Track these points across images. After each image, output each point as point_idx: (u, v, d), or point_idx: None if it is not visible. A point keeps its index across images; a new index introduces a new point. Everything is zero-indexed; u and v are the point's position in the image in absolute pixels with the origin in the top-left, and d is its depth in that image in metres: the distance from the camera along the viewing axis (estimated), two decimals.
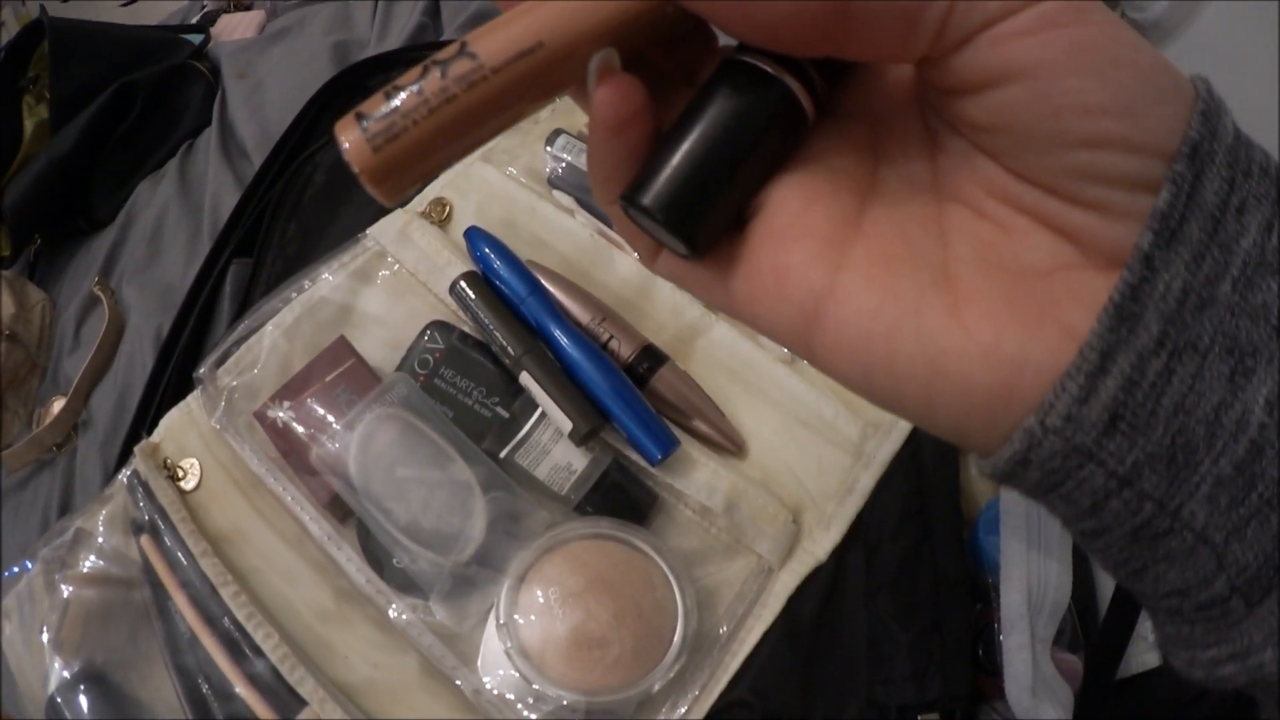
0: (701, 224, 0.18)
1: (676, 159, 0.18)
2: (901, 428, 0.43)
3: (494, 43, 0.17)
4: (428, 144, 0.17)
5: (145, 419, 0.49)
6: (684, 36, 0.19)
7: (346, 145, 0.17)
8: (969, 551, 0.45)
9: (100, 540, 0.47)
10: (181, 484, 0.47)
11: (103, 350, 0.56)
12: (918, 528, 0.43)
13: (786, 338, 0.18)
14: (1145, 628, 0.45)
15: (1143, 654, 0.45)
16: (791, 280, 0.17)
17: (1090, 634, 0.45)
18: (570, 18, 0.17)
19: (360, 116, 0.17)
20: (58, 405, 0.56)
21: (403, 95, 0.17)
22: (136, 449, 0.47)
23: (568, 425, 0.42)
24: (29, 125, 0.67)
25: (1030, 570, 0.41)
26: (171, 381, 0.49)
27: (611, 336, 0.46)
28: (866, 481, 0.43)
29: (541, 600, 0.40)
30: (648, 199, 0.18)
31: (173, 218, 0.59)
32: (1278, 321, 0.14)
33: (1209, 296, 0.14)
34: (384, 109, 0.17)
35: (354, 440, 0.42)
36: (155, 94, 0.63)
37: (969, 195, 0.17)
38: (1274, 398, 0.14)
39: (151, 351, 0.53)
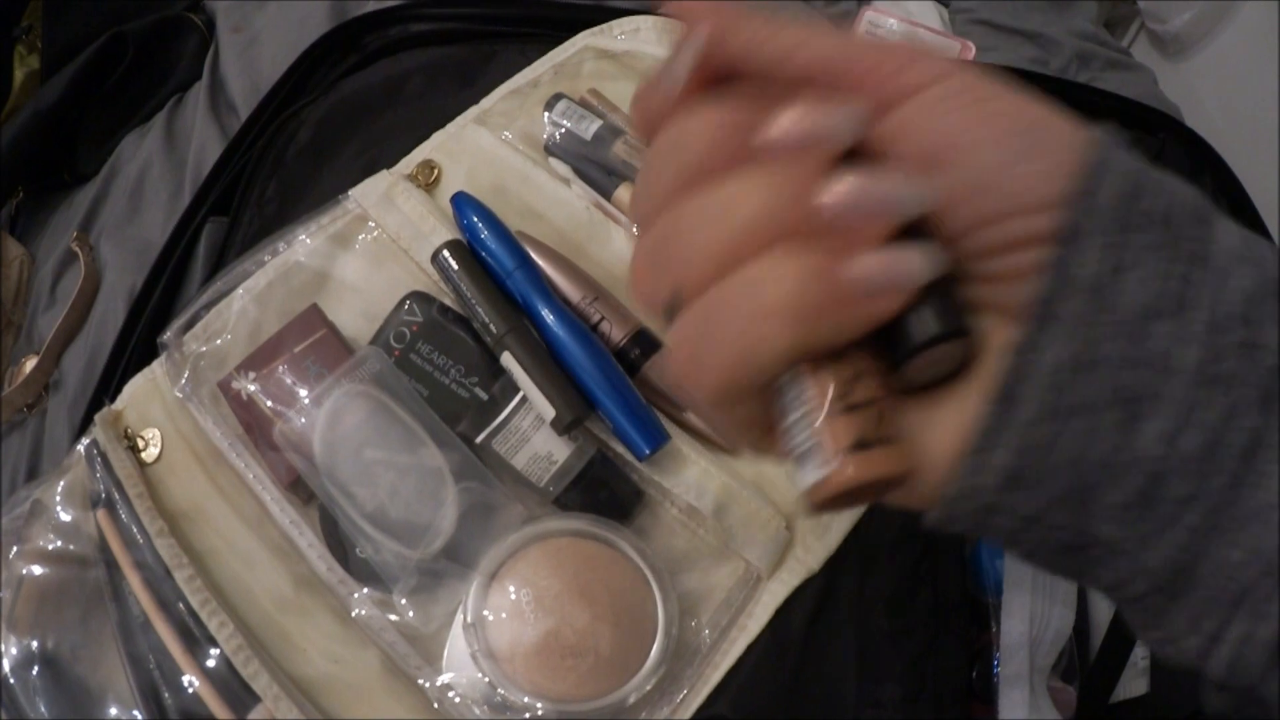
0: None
1: None
2: None
3: None
4: None
5: (109, 385, 0.43)
6: None
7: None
8: (970, 569, 0.39)
9: (57, 513, 0.42)
10: (142, 455, 0.42)
11: (76, 308, 0.50)
12: (919, 543, 0.38)
13: None
14: (1136, 654, 0.40)
15: (1131, 680, 0.41)
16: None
17: (1084, 661, 0.40)
18: None
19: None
20: (30, 365, 0.51)
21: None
22: (97, 417, 0.42)
23: (550, 412, 0.37)
24: (19, 76, 0.61)
25: (1034, 598, 0.36)
26: (139, 345, 0.44)
27: (603, 318, 0.40)
28: None
29: (513, 601, 0.35)
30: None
31: (156, 173, 0.53)
32: (1166, 363, 0.15)
33: (1093, 359, 0.15)
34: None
35: (320, 417, 0.37)
36: (147, 45, 0.58)
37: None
38: (1168, 431, 0.15)
39: (125, 312, 0.47)
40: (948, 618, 0.37)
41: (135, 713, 0.39)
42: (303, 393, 0.38)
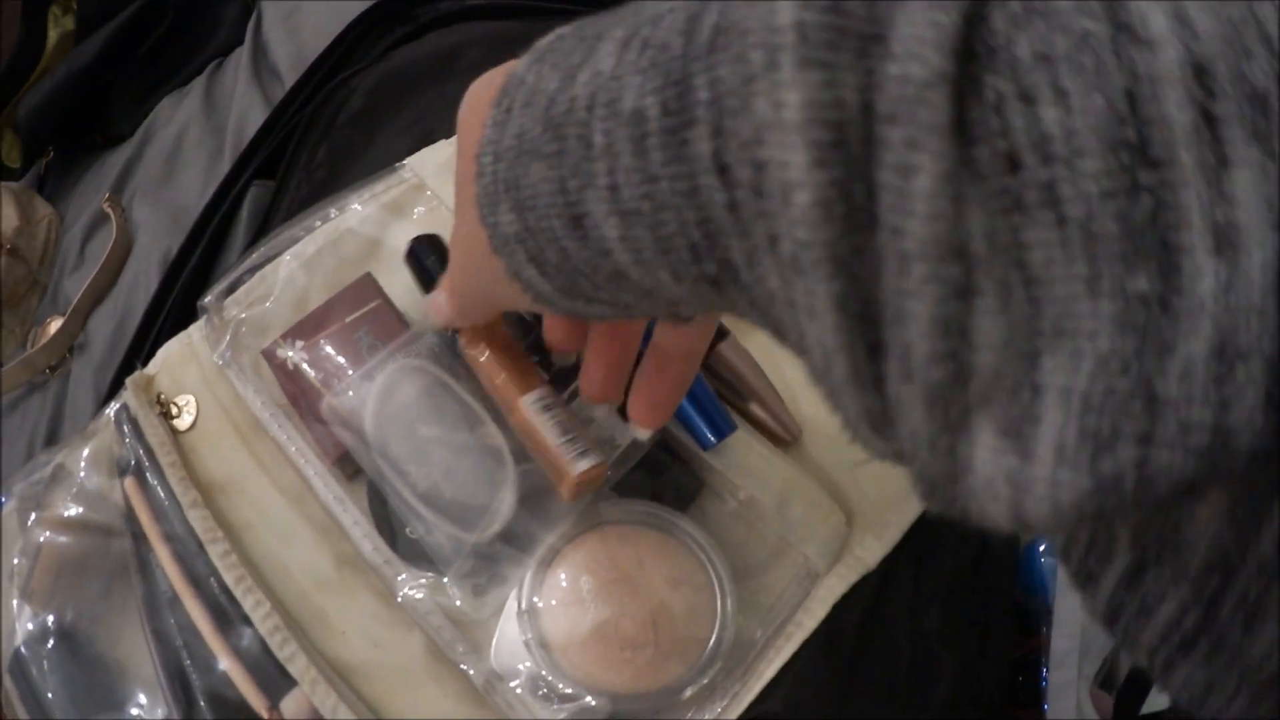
0: None
1: None
2: None
3: None
4: None
5: (142, 348, 0.41)
6: None
7: None
8: (1020, 572, 0.38)
9: (81, 479, 0.39)
10: (175, 422, 0.39)
11: (107, 270, 0.48)
12: (973, 543, 0.36)
13: None
14: None
15: (1159, 693, 0.40)
16: None
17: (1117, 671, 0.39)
18: None
19: None
20: (54, 326, 0.48)
21: None
22: (128, 381, 0.39)
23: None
24: (53, 36, 0.58)
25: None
26: (174, 309, 0.42)
27: None
28: None
29: (569, 589, 0.33)
30: None
31: (194, 137, 0.51)
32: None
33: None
34: None
35: (373, 392, 0.35)
36: (187, 8, 0.55)
37: None
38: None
39: (157, 275, 0.45)
40: (997, 621, 0.35)
41: (159, 694, 0.37)
42: (353, 365, 0.36)
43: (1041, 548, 0.37)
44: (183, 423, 0.39)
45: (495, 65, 0.48)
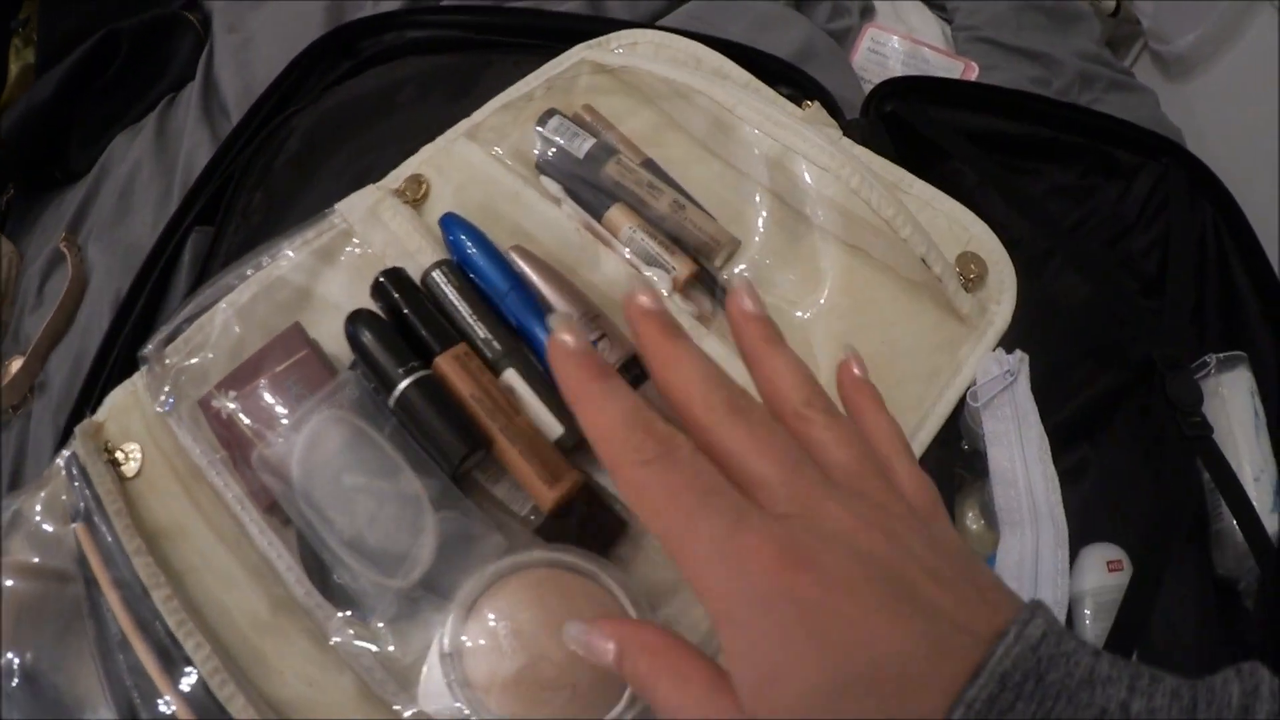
0: None
1: None
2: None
3: None
4: None
5: (92, 394, 0.42)
6: None
7: None
8: None
9: (37, 524, 0.40)
10: (123, 469, 0.40)
11: (63, 310, 0.49)
12: None
13: None
14: None
15: None
16: None
17: None
18: None
19: None
20: (16, 365, 0.49)
21: None
22: (77, 429, 0.40)
23: (557, 430, 0.35)
24: (14, 69, 0.59)
25: None
26: (122, 355, 0.42)
27: (601, 336, 0.38)
28: None
29: (491, 632, 0.33)
30: None
31: (145, 174, 0.51)
32: None
33: None
34: None
35: (299, 442, 0.35)
36: (141, 43, 0.55)
37: None
38: None
39: (109, 317, 0.46)
40: None
41: None
42: (283, 414, 0.37)
43: None
44: (129, 470, 0.40)
45: (429, 102, 0.48)
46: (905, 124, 0.47)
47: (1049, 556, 0.35)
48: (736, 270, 0.41)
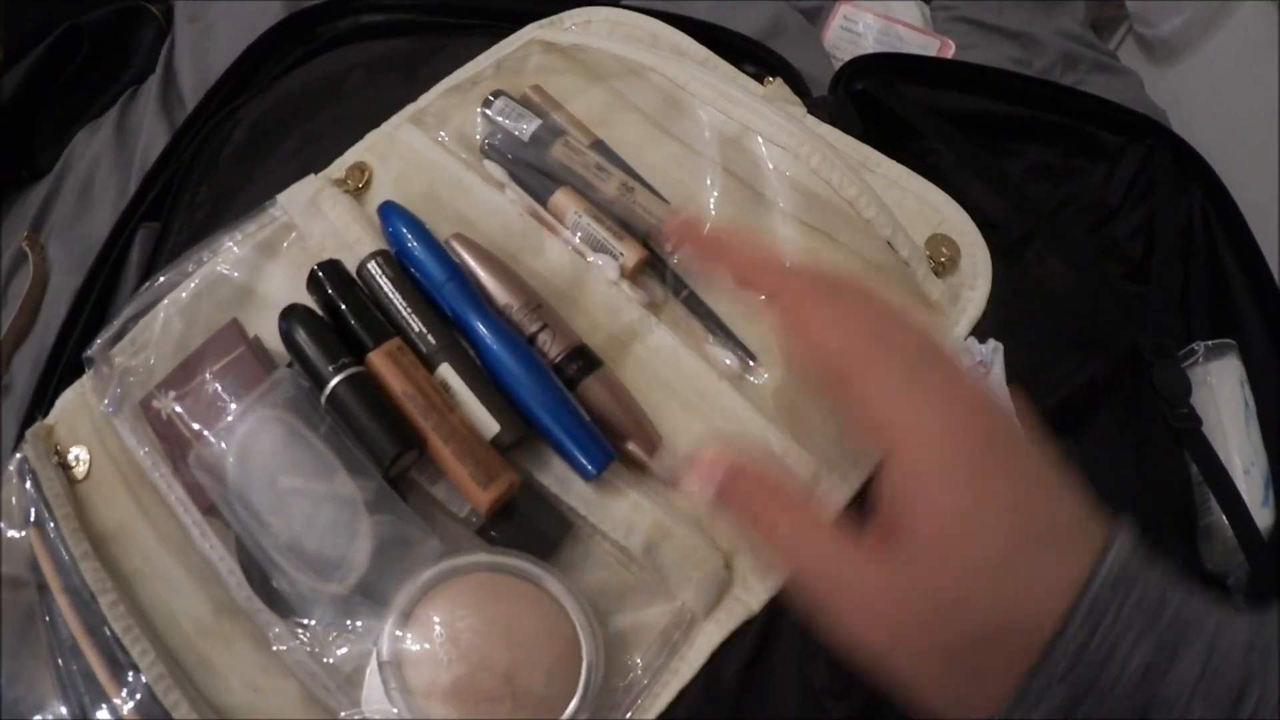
0: None
1: None
2: (860, 470, 0.34)
3: None
4: None
5: (43, 398, 0.41)
6: None
7: None
8: None
9: None
10: (73, 472, 0.39)
11: (25, 310, 0.48)
12: None
13: None
14: None
15: None
16: None
17: None
18: None
19: None
20: None
21: None
22: (28, 433, 0.39)
23: (494, 428, 0.34)
24: None
25: None
26: (73, 357, 0.41)
27: (544, 326, 0.36)
28: None
29: (427, 640, 0.32)
30: None
31: (105, 170, 0.50)
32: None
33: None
34: None
35: (233, 443, 0.34)
36: (103, 37, 0.54)
37: None
38: None
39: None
40: None
41: None
42: (219, 414, 0.36)
43: None
44: (79, 472, 0.39)
45: (377, 88, 0.46)
46: (877, 102, 0.44)
47: None
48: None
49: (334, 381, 0.34)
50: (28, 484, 0.39)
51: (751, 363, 0.37)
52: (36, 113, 0.54)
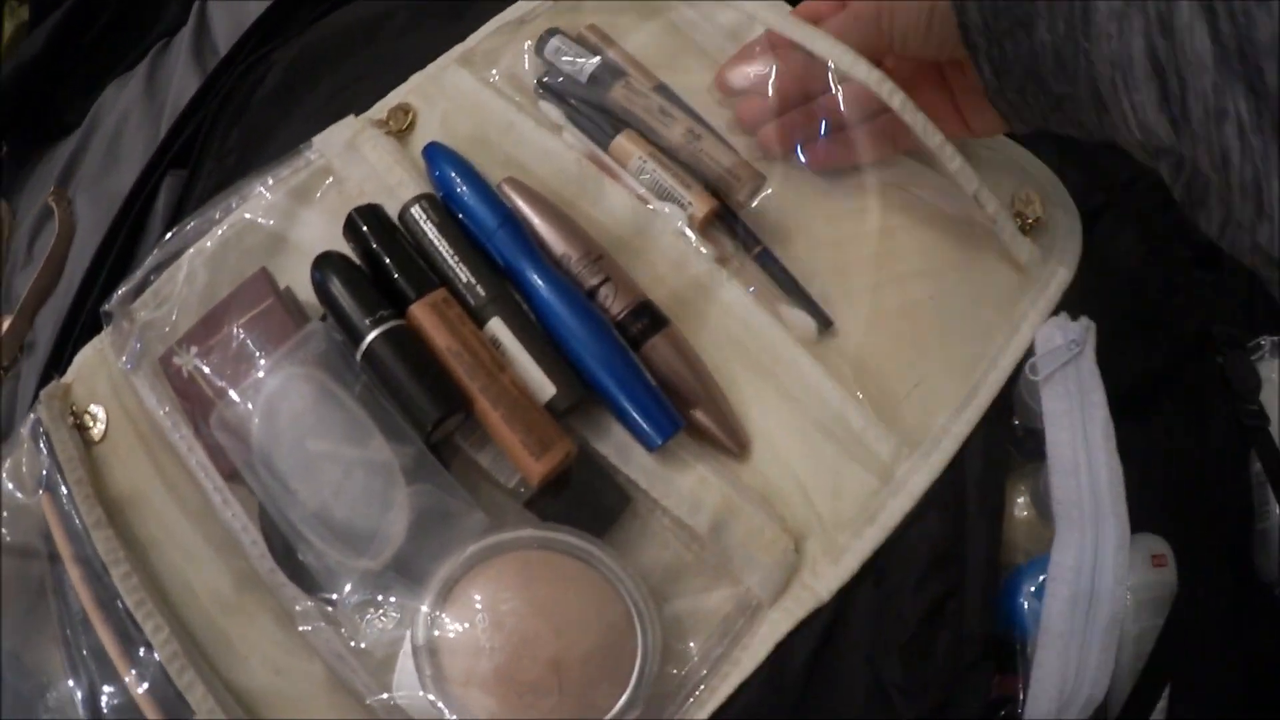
0: None
1: None
2: (944, 449, 0.30)
3: None
4: None
5: (61, 355, 0.38)
6: None
7: None
8: (998, 609, 0.32)
9: (10, 495, 0.37)
10: (91, 433, 0.36)
11: (50, 266, 0.46)
12: (947, 579, 0.30)
13: None
14: None
15: None
16: None
17: None
18: None
19: None
20: (5, 324, 0.46)
21: None
22: (43, 393, 0.36)
23: (549, 390, 0.30)
24: (9, 28, 0.56)
25: (1068, 656, 0.28)
26: (94, 312, 0.38)
27: (606, 279, 0.33)
28: (893, 512, 0.30)
29: (467, 624, 0.29)
30: None
31: (134, 123, 0.48)
32: None
33: None
34: None
35: (258, 403, 0.31)
36: None
37: None
38: None
39: None
40: (969, 668, 0.29)
41: (77, 716, 0.34)
42: (245, 371, 0.32)
43: (1027, 588, 0.30)
44: (96, 433, 0.36)
45: (422, 29, 0.43)
46: None
47: (1109, 563, 0.29)
48: (756, 204, 0.34)
49: (371, 336, 0.30)
50: (41, 447, 0.37)
51: (830, 326, 0.33)
52: (66, 67, 0.51)
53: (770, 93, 0.34)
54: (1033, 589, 0.30)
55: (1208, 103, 0.23)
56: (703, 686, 0.30)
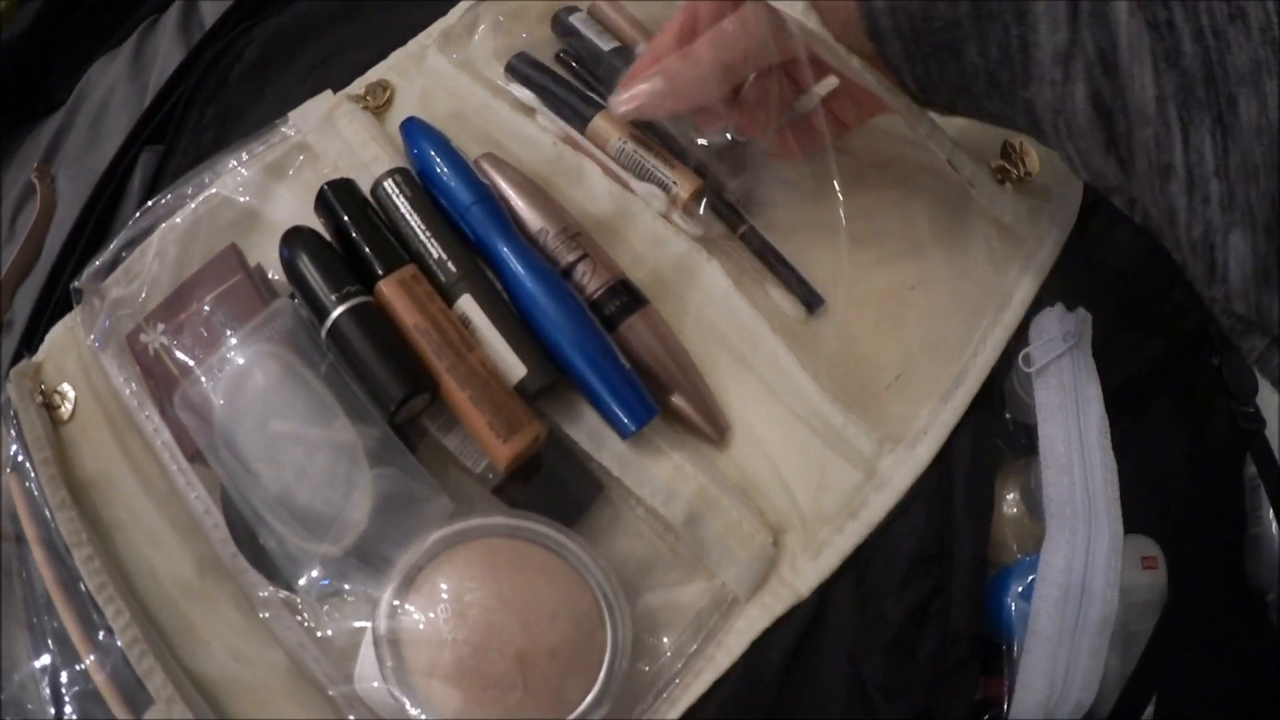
0: None
1: None
2: (929, 443, 0.29)
3: None
4: None
5: (34, 334, 0.37)
6: None
7: None
8: (984, 610, 0.30)
9: None
10: (58, 413, 0.35)
11: (30, 243, 0.44)
12: (932, 578, 0.29)
13: None
14: None
15: None
16: None
17: None
18: None
19: None
20: None
21: None
22: (12, 371, 0.35)
23: (520, 371, 0.29)
24: (2, 3, 0.55)
25: (1056, 661, 0.27)
26: (67, 290, 0.37)
27: (583, 256, 0.31)
28: (877, 507, 0.29)
29: (431, 616, 0.27)
30: None
31: (118, 99, 0.46)
32: None
33: None
34: None
35: (222, 381, 0.30)
36: None
37: None
38: None
39: None
40: (953, 670, 0.28)
41: (39, 700, 0.33)
42: (210, 349, 0.31)
43: (1015, 588, 0.29)
44: (64, 413, 0.35)
45: (404, 6, 0.41)
46: None
47: (1101, 564, 0.27)
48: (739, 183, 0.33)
49: (336, 312, 0.29)
50: (10, 426, 0.36)
51: (818, 307, 0.32)
52: (54, 44, 0.50)
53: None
54: (1021, 589, 0.28)
55: (1151, 156, 0.20)
56: (675, 683, 0.28)
